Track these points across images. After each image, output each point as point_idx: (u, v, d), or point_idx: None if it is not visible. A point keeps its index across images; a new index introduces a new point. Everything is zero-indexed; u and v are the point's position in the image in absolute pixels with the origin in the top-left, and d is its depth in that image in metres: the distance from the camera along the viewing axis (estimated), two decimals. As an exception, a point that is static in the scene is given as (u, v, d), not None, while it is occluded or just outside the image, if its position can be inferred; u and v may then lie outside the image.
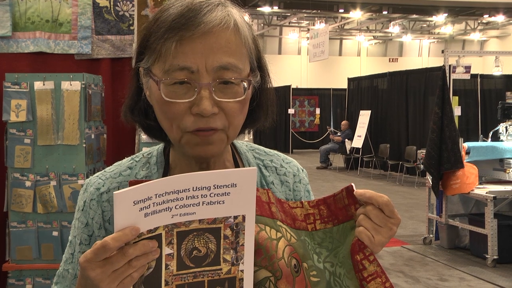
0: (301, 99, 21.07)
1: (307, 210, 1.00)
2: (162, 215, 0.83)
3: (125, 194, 0.80)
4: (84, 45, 3.98)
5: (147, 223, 0.82)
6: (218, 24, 0.93)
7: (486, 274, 5.76)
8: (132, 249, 0.79)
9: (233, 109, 0.96)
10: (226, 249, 0.88)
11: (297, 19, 24.51)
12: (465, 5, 18.67)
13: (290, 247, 0.96)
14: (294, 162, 1.18)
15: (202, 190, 0.84)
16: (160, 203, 0.82)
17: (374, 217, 0.93)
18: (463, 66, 7.17)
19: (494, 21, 23.10)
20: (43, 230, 3.49)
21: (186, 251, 0.86)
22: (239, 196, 0.86)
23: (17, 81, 3.50)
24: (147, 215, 0.81)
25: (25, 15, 3.92)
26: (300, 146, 20.36)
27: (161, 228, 0.83)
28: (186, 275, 0.87)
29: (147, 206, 0.81)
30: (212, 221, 0.86)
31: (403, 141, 13.60)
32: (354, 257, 0.96)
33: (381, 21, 24.16)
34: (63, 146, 3.51)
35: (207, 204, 0.85)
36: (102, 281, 0.78)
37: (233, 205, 0.86)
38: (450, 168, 6.40)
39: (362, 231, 0.94)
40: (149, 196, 0.81)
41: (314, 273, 0.97)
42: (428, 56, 29.44)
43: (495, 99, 11.98)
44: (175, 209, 0.83)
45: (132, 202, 0.80)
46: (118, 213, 0.80)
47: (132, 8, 3.97)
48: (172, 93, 0.94)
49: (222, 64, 0.93)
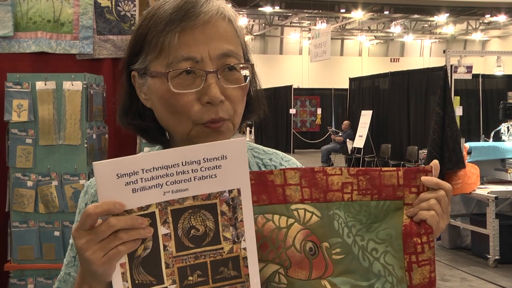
0: (303, 99, 21.07)
1: (346, 178, 0.95)
2: (152, 192, 0.81)
3: (105, 165, 0.79)
4: (86, 45, 3.98)
5: (136, 199, 0.81)
6: (216, 13, 0.96)
7: (488, 274, 5.76)
8: (115, 219, 0.79)
9: (237, 96, 0.97)
10: (225, 226, 0.86)
11: (299, 19, 24.51)
12: (467, 5, 18.66)
13: (305, 231, 0.93)
14: (293, 160, 1.19)
15: (192, 165, 0.82)
16: (149, 179, 0.81)
17: (443, 203, 0.94)
18: (465, 66, 7.16)
19: (496, 21, 23.09)
20: (45, 230, 3.49)
21: (184, 231, 0.84)
22: (231, 168, 0.84)
23: (18, 81, 3.51)
24: (135, 190, 0.80)
25: (27, 15, 3.92)
26: (301, 146, 20.34)
27: (154, 206, 0.82)
28: (187, 257, 0.85)
29: (134, 181, 0.80)
30: (207, 197, 0.84)
31: (404, 141, 13.58)
32: (410, 239, 0.94)
33: (383, 21, 24.16)
34: (65, 146, 3.51)
35: (199, 179, 0.83)
36: (88, 249, 0.79)
37: (226, 179, 0.84)
38: (451, 168, 6.40)
39: (433, 216, 0.93)
40: (135, 171, 0.80)
41: (338, 250, 0.94)
42: (430, 56, 29.43)
43: (497, 99, 11.96)
44: (166, 186, 0.82)
45: (115, 174, 0.79)
46: (100, 185, 0.79)
47: (134, 8, 3.97)
48: (178, 85, 0.94)
49: (224, 51, 0.95)
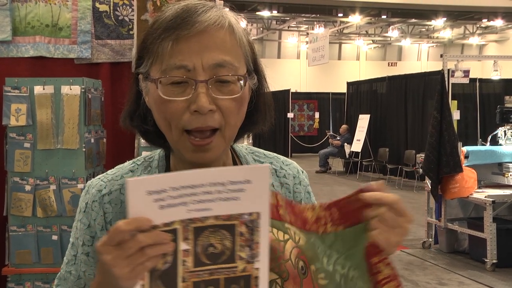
0: (300, 103, 21.09)
1: (319, 213, 0.98)
2: (178, 209, 0.83)
3: (138, 182, 0.81)
4: (84, 49, 3.99)
5: (162, 215, 0.83)
6: (213, 23, 0.95)
7: (485, 278, 5.76)
8: (143, 236, 0.80)
9: (229, 108, 0.97)
10: (242, 246, 0.88)
11: (296, 23, 24.54)
12: (464, 9, 18.71)
13: (298, 249, 0.95)
14: (293, 164, 1.19)
15: (217, 186, 0.84)
16: (176, 197, 0.82)
17: (387, 219, 0.91)
18: (462, 70, 7.17)
19: (493, 26, 23.15)
20: (43, 234, 3.49)
21: (202, 248, 0.86)
22: (254, 193, 0.86)
23: (17, 85, 3.51)
24: (162, 207, 0.82)
25: (25, 20, 3.93)
26: (299, 150, 20.35)
27: (177, 223, 0.84)
28: (203, 272, 0.87)
29: (162, 198, 0.82)
30: (228, 217, 0.86)
31: (402, 145, 13.61)
32: (369, 260, 0.94)
33: (380, 25, 24.21)
34: (63, 150, 3.52)
35: (222, 200, 0.85)
36: (115, 265, 0.79)
37: (248, 202, 0.86)
38: (449, 172, 6.41)
39: (377, 234, 0.92)
40: (164, 188, 0.81)
41: (322, 275, 0.96)
42: (427, 60, 29.46)
43: (494, 103, 11.99)
44: (191, 204, 0.84)
45: (145, 191, 0.81)
46: (131, 201, 0.81)
47: (132, 13, 3.98)
48: (169, 92, 0.95)
49: (217, 62, 0.95)
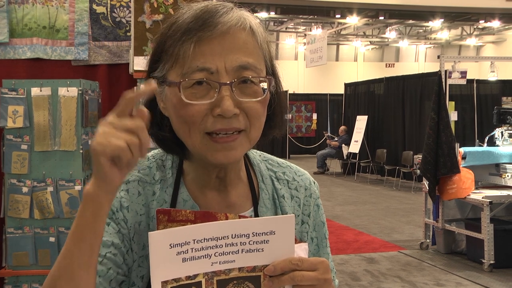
0: (298, 105, 21.09)
1: None
2: (201, 262, 0.81)
3: (160, 235, 0.78)
4: (81, 51, 3.99)
5: (185, 269, 0.80)
6: (235, 24, 0.93)
7: (483, 279, 5.77)
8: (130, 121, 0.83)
9: (254, 109, 0.94)
10: None
11: (294, 24, 24.55)
12: (461, 10, 18.74)
13: None
14: (306, 174, 1.15)
15: (241, 238, 0.82)
16: (199, 249, 0.80)
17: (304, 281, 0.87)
18: (459, 71, 7.18)
19: (490, 27, 23.20)
20: (40, 236, 3.49)
21: None
22: (278, 243, 0.84)
23: (14, 87, 3.51)
24: (185, 260, 0.80)
25: (22, 22, 3.93)
26: (297, 152, 20.37)
27: (201, 276, 0.82)
28: None
29: (185, 251, 0.80)
30: (252, 269, 0.85)
31: (399, 146, 13.63)
32: None
33: (378, 26, 24.23)
34: (60, 152, 3.52)
35: (246, 251, 0.83)
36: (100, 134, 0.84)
37: (272, 253, 0.84)
38: (446, 173, 6.42)
39: None
40: (186, 241, 0.79)
41: None
42: (425, 61, 29.49)
43: (491, 104, 12.02)
44: (214, 257, 0.82)
45: (168, 244, 0.78)
46: (153, 254, 0.78)
47: (129, 15, 3.99)
48: (191, 95, 0.92)
49: (241, 64, 0.92)
